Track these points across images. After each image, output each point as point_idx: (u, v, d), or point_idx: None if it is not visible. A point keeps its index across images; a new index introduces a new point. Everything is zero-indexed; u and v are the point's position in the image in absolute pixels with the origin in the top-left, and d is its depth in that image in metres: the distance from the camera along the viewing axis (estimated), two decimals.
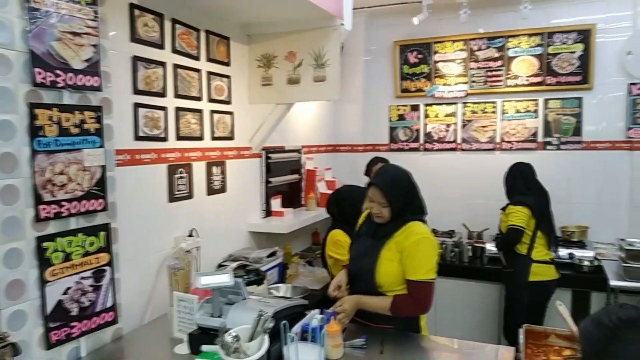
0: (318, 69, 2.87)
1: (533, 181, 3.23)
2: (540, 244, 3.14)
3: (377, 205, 2.06)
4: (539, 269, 3.09)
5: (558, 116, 3.89)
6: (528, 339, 1.92)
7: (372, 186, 2.07)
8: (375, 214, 2.09)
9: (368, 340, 1.99)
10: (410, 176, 2.14)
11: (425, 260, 2.02)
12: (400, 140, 4.40)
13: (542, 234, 3.15)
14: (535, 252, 3.12)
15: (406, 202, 2.08)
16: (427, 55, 4.18)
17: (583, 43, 3.75)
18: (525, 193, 3.18)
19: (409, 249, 2.01)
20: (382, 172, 2.16)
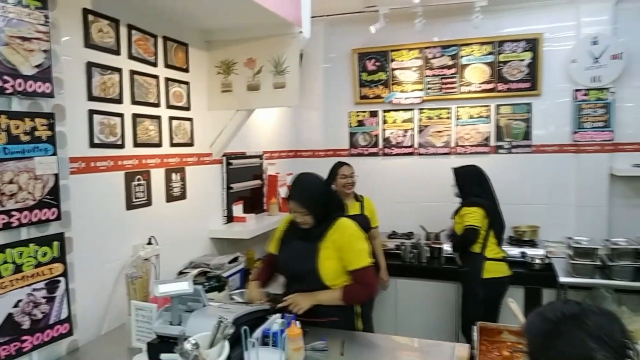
0: (278, 75, 2.90)
1: (485, 184, 3.33)
2: (492, 242, 3.24)
3: (300, 215, 2.20)
4: (492, 266, 3.18)
5: (509, 121, 4.06)
6: (482, 336, 2.00)
7: (290, 200, 2.21)
8: (301, 222, 2.22)
9: (329, 342, 2.02)
10: (322, 179, 2.31)
11: (362, 249, 2.22)
12: (360, 146, 4.47)
13: (494, 233, 3.26)
14: (488, 251, 3.21)
15: (325, 204, 2.23)
16: (384, 63, 4.28)
17: (531, 51, 3.93)
18: (478, 195, 3.28)
19: (346, 244, 2.19)
20: (296, 185, 2.27)
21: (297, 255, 2.26)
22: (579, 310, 1.12)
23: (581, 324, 1.09)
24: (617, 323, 1.10)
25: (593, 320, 1.09)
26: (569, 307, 1.14)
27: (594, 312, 1.11)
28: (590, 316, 1.10)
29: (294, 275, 2.29)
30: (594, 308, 1.13)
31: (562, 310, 1.13)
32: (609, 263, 3.09)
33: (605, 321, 1.10)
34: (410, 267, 3.84)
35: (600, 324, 1.08)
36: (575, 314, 1.11)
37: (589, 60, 3.76)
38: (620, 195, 3.83)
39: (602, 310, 1.14)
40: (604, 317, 1.10)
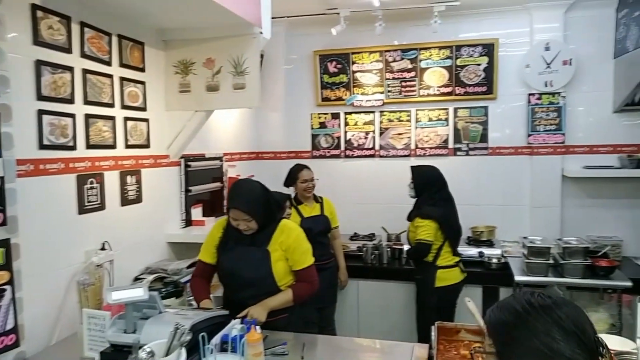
0: (237, 76, 2.86)
1: (443, 188, 3.27)
2: (446, 251, 3.21)
3: (244, 222, 2.18)
4: (444, 274, 3.17)
5: (466, 124, 4.15)
6: (440, 335, 2.03)
7: (232, 208, 2.18)
8: (245, 229, 2.21)
9: (289, 346, 2.00)
10: (260, 184, 2.30)
11: (307, 248, 2.32)
12: (322, 148, 4.48)
13: (449, 242, 3.21)
14: (441, 259, 3.18)
15: (266, 207, 2.23)
16: (345, 65, 4.30)
17: (487, 56, 4.04)
18: (434, 204, 3.19)
19: (294, 245, 2.26)
20: (236, 193, 2.24)
21: (248, 262, 2.23)
22: (550, 302, 1.04)
23: (552, 315, 1.01)
24: (587, 317, 1.04)
25: (565, 312, 1.01)
26: (538, 298, 1.06)
27: (565, 304, 1.04)
28: (562, 308, 1.02)
29: (243, 283, 2.25)
30: (565, 300, 1.07)
31: (529, 301, 1.05)
32: (562, 261, 3.21)
33: (577, 313, 1.03)
34: (371, 269, 3.87)
35: (573, 316, 1.01)
36: (546, 305, 1.03)
37: (541, 65, 3.89)
38: (571, 195, 3.98)
39: (569, 301, 1.08)
40: (575, 309, 1.04)
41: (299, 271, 2.27)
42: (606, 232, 3.89)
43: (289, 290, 2.25)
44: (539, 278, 3.22)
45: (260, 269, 2.23)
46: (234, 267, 2.27)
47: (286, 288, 2.27)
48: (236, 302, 2.25)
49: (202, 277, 2.40)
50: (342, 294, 3.76)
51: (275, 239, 2.25)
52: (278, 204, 2.44)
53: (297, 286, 2.28)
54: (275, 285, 2.25)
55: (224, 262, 2.30)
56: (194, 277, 2.42)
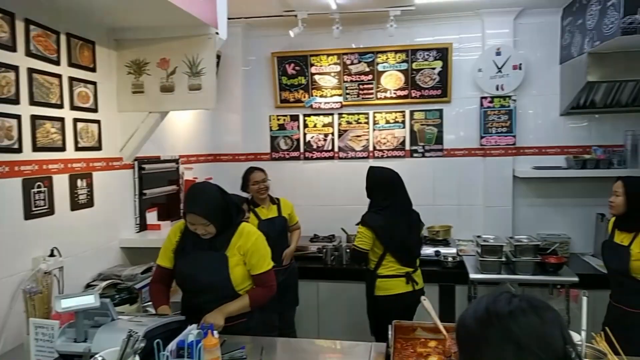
0: (193, 77, 2.81)
1: (392, 197, 3.02)
2: (390, 261, 2.98)
3: (202, 226, 2.15)
4: (383, 283, 2.98)
5: (422, 126, 4.24)
6: (397, 334, 2.06)
7: (189, 213, 2.14)
8: (203, 234, 2.18)
9: (247, 350, 1.98)
10: (218, 187, 2.27)
11: (266, 253, 2.29)
12: (281, 150, 4.46)
13: (391, 252, 2.97)
14: (382, 269, 2.99)
15: (225, 211, 2.20)
16: (304, 67, 4.31)
17: (442, 60, 4.14)
18: (377, 212, 3.01)
19: (252, 249, 2.22)
20: (193, 197, 2.20)
21: (205, 266, 2.20)
22: (507, 310, 0.93)
23: (506, 328, 0.91)
24: (557, 325, 0.92)
25: (523, 324, 0.91)
26: (497, 305, 0.95)
27: (524, 311, 0.92)
28: (519, 319, 0.91)
29: (201, 288, 2.22)
30: (525, 306, 0.93)
31: (487, 308, 0.95)
32: (513, 259, 3.32)
33: (539, 324, 0.91)
34: (331, 270, 3.89)
35: (532, 329, 0.90)
36: (502, 315, 0.93)
37: (493, 69, 4.03)
38: (522, 195, 4.14)
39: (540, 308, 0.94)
40: (538, 319, 0.92)
41: (257, 275, 2.25)
42: (555, 230, 4.07)
43: (245, 296, 2.23)
44: (492, 275, 3.33)
45: (217, 274, 2.20)
46: (191, 272, 2.22)
47: (244, 293, 2.24)
48: (194, 307, 2.21)
49: (161, 282, 2.35)
50: (302, 296, 3.75)
51: (233, 243, 2.23)
52: (237, 207, 2.41)
53: (254, 291, 2.26)
54: (233, 290, 2.22)
55: (181, 267, 2.26)
56: (153, 282, 2.37)
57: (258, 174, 3.49)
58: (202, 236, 2.18)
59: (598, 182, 3.87)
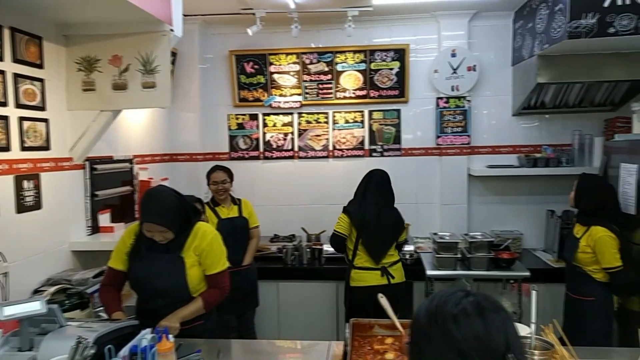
0: (147, 74, 2.74)
1: (368, 190, 3.21)
2: (361, 251, 3.15)
3: (159, 233, 2.12)
4: (357, 275, 3.13)
5: (381, 126, 4.29)
6: (355, 332, 2.07)
7: (145, 222, 2.10)
8: (160, 240, 2.14)
9: (204, 353, 1.95)
10: (172, 191, 2.24)
11: (221, 253, 2.27)
12: (241, 149, 4.41)
13: (362, 242, 3.13)
14: (357, 259, 3.15)
15: (182, 215, 2.17)
16: (262, 66, 4.27)
17: (399, 61, 4.20)
18: (358, 199, 3.22)
19: (207, 249, 2.20)
20: (149, 205, 2.15)
21: (161, 269, 2.16)
22: (452, 313, 0.91)
23: (448, 332, 0.90)
24: (501, 331, 0.90)
25: (465, 328, 0.89)
26: (446, 305, 0.94)
27: (469, 315, 0.90)
28: (462, 322, 0.90)
29: (156, 291, 2.17)
30: (472, 309, 0.91)
31: (437, 307, 0.95)
32: (468, 255, 3.41)
33: (482, 330, 0.89)
34: (291, 270, 3.88)
35: (474, 334, 0.89)
36: (447, 318, 0.91)
37: (448, 70, 4.12)
38: (477, 193, 4.25)
39: (487, 310, 0.91)
40: (482, 324, 0.90)
41: (211, 275, 2.22)
42: (508, 226, 4.21)
43: (198, 298, 2.19)
44: (448, 272, 3.40)
45: (173, 277, 2.16)
46: (146, 275, 2.17)
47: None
48: (149, 311, 2.16)
49: (111, 285, 2.28)
50: (262, 297, 3.72)
51: (189, 244, 2.19)
52: (195, 209, 2.37)
53: (207, 293, 2.23)
54: (188, 293, 2.19)
55: (136, 271, 2.20)
56: (104, 285, 2.30)
57: (218, 175, 3.45)
58: (159, 242, 2.14)
59: (548, 180, 4.03)
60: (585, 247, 2.81)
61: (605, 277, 2.79)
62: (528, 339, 1.79)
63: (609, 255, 2.72)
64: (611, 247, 2.73)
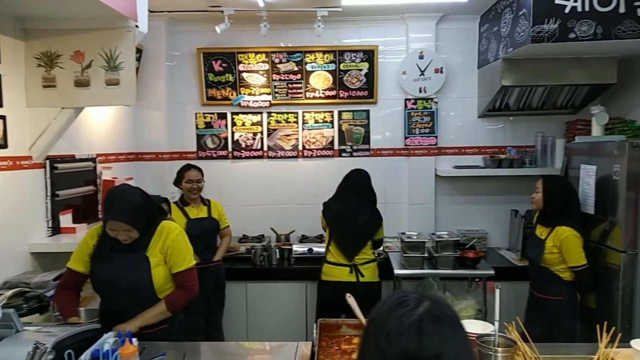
0: (111, 71, 2.66)
1: (348, 188, 3.33)
2: (333, 247, 3.29)
3: (124, 232, 2.08)
4: (328, 269, 3.29)
5: (350, 126, 4.31)
6: (323, 332, 2.07)
7: (110, 220, 2.06)
8: (125, 239, 2.10)
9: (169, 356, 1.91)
10: (137, 189, 2.22)
11: (187, 250, 2.22)
12: (209, 148, 4.35)
13: (334, 238, 3.28)
14: (329, 255, 3.31)
15: (147, 214, 2.14)
16: (231, 64, 4.23)
17: (368, 62, 4.22)
18: (335, 197, 3.37)
19: (172, 246, 2.16)
20: (113, 203, 2.10)
21: (125, 269, 2.11)
22: (390, 327, 0.90)
23: (379, 338, 0.90)
24: (434, 348, 0.87)
25: (397, 347, 0.88)
26: (393, 313, 0.92)
27: (403, 334, 0.88)
28: (392, 338, 0.89)
29: (121, 292, 2.12)
30: (409, 327, 0.88)
31: (385, 311, 0.94)
32: (435, 254, 3.46)
33: (414, 351, 0.87)
34: (260, 270, 3.85)
35: (405, 354, 0.87)
36: (386, 329, 0.90)
37: (416, 72, 4.17)
38: (444, 193, 4.32)
39: (428, 325, 0.88)
40: (416, 345, 0.87)
41: (177, 274, 2.18)
42: (474, 225, 4.29)
43: (161, 301, 2.15)
44: (415, 271, 3.44)
45: (138, 277, 2.12)
46: (110, 276, 2.12)
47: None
48: (114, 313, 2.12)
49: (69, 287, 2.22)
50: (229, 298, 3.69)
51: (154, 242, 2.15)
52: (160, 208, 2.33)
53: (171, 295, 2.19)
54: (154, 293, 2.15)
55: (99, 272, 2.14)
56: (60, 287, 2.24)
57: (194, 173, 3.42)
58: (123, 242, 2.09)
59: (512, 180, 4.13)
60: (552, 247, 2.85)
61: (571, 276, 2.85)
62: (492, 336, 1.82)
63: (575, 254, 2.79)
64: (577, 245, 2.79)
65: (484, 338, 1.83)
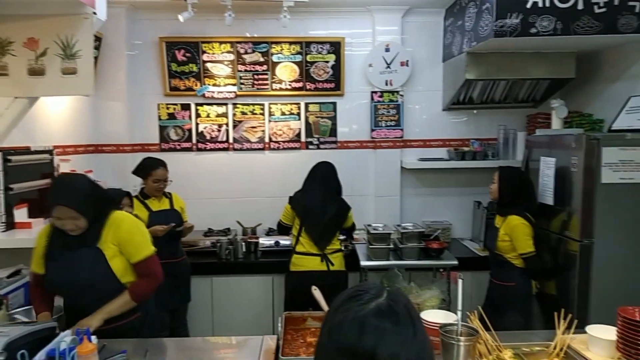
0: (67, 60, 2.56)
1: (317, 178, 3.38)
2: (304, 237, 3.32)
3: (70, 220, 2.00)
4: (298, 260, 3.32)
5: (317, 119, 4.29)
6: (288, 325, 2.06)
7: (56, 206, 1.98)
8: (72, 229, 2.02)
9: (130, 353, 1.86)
10: (86, 177, 2.19)
11: (142, 238, 2.17)
12: (172, 140, 4.25)
13: (305, 229, 3.31)
14: (299, 246, 3.33)
15: (96, 202, 2.08)
16: (195, 54, 4.13)
17: (335, 54, 4.21)
18: (304, 189, 3.40)
19: (125, 237, 2.10)
20: (59, 188, 2.06)
21: (80, 266, 2.04)
22: (340, 319, 0.90)
23: (331, 329, 0.91)
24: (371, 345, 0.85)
25: (341, 336, 0.88)
26: (347, 304, 0.92)
27: (347, 326, 0.88)
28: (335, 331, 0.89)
29: (80, 289, 2.06)
30: (353, 320, 0.88)
31: (341, 302, 0.94)
32: (400, 245, 3.50)
33: (354, 342, 0.86)
34: (226, 264, 3.80)
35: (347, 344, 0.87)
36: (336, 321, 0.90)
37: (382, 65, 4.18)
38: (409, 185, 4.37)
39: (370, 326, 0.87)
40: (355, 338, 0.86)
41: (137, 264, 2.13)
42: (438, 217, 4.36)
43: (125, 292, 2.10)
44: (381, 262, 3.47)
45: (96, 271, 2.05)
46: (66, 276, 2.05)
47: None
48: (78, 310, 2.06)
49: (41, 288, 2.16)
50: (194, 293, 3.63)
51: (105, 235, 2.08)
52: (110, 199, 2.26)
53: (135, 284, 2.14)
54: (118, 284, 2.10)
55: (52, 274, 2.08)
56: (32, 286, 2.20)
57: (162, 172, 3.35)
58: (70, 232, 2.01)
59: (475, 172, 4.20)
60: (504, 235, 2.99)
61: (523, 263, 2.97)
62: (455, 326, 1.85)
63: (523, 241, 2.92)
64: (524, 234, 2.92)
65: (446, 328, 1.86)
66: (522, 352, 1.95)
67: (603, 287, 2.88)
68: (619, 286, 2.85)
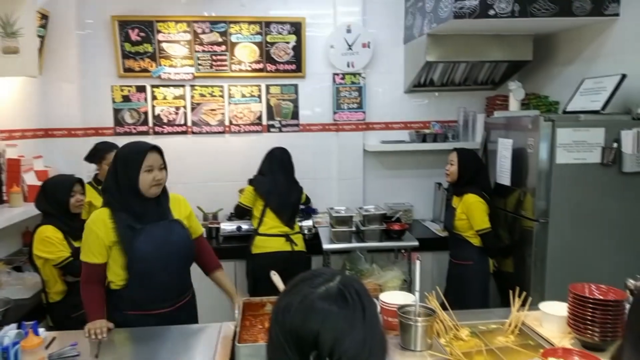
0: (7, 38, 2.42)
1: (276, 163, 3.48)
2: (269, 218, 3.38)
3: (158, 171, 2.10)
4: (261, 242, 3.34)
5: (278, 101, 4.22)
6: (247, 311, 2.03)
7: (150, 153, 2.10)
8: (158, 181, 2.09)
9: (82, 345, 1.80)
10: None
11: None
12: (127, 124, 4.10)
13: (272, 210, 3.38)
14: (263, 227, 3.37)
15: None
16: (150, 34, 3.97)
17: (296, 35, 4.13)
18: (264, 174, 3.45)
19: (190, 211, 2.33)
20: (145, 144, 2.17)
21: (168, 234, 2.09)
22: (288, 302, 0.90)
23: (278, 311, 0.91)
24: (313, 330, 0.84)
25: (286, 320, 0.88)
26: (299, 287, 0.92)
27: (294, 310, 0.88)
28: (281, 314, 0.89)
29: (164, 261, 2.07)
30: (300, 304, 0.88)
31: (294, 284, 0.94)
32: (362, 228, 3.50)
33: (298, 326, 0.86)
34: None
35: (291, 326, 0.87)
36: (285, 304, 0.90)
37: (344, 46, 4.14)
38: (371, 167, 4.37)
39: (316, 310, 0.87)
40: (300, 321, 0.86)
41: (199, 238, 2.33)
42: (400, 199, 4.40)
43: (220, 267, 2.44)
44: (344, 245, 3.48)
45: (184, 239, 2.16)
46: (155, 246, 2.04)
47: None
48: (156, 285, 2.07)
49: (94, 283, 2.05)
50: None
51: (173, 209, 2.19)
52: None
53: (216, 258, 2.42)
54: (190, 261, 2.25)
55: (142, 246, 2.01)
56: (89, 283, 2.05)
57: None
58: (155, 186, 2.06)
59: (436, 154, 4.24)
60: (461, 214, 3.07)
61: (480, 241, 3.04)
62: (413, 307, 1.86)
63: (478, 218, 3.01)
64: (480, 210, 3.01)
65: (404, 308, 1.88)
66: (479, 330, 1.99)
67: (558, 265, 2.97)
68: (572, 264, 2.94)
